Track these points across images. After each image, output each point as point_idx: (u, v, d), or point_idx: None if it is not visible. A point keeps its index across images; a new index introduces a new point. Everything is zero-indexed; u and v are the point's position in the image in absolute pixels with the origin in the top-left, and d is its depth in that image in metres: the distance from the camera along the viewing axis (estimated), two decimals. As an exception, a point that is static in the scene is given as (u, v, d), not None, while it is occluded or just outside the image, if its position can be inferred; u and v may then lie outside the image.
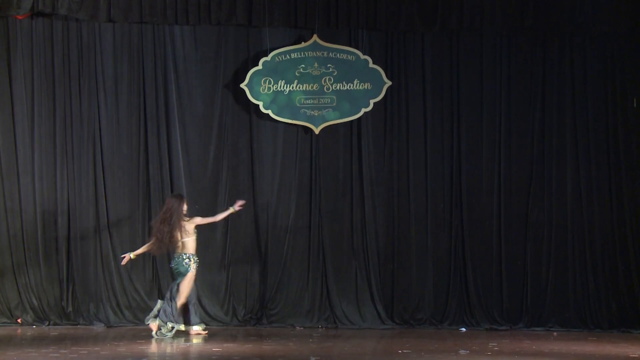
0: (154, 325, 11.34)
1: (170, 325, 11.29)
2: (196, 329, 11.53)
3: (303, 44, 12.94)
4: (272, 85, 12.88)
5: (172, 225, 11.40)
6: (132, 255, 11.59)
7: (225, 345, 10.81)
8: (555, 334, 12.46)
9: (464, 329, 12.72)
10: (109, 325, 12.57)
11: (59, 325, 12.57)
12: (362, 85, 12.92)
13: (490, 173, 13.00)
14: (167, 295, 11.46)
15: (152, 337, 11.24)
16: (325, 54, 12.93)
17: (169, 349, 10.43)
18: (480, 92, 13.05)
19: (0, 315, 12.68)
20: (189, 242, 11.53)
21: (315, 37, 12.89)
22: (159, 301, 11.55)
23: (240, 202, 11.92)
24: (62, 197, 12.74)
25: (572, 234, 12.90)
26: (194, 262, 11.54)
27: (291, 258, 12.92)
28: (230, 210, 11.90)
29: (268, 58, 12.86)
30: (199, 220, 11.70)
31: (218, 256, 12.93)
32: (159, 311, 11.38)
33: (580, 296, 12.82)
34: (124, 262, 11.66)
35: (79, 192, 12.77)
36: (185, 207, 11.57)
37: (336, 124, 12.99)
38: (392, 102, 13.05)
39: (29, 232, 12.68)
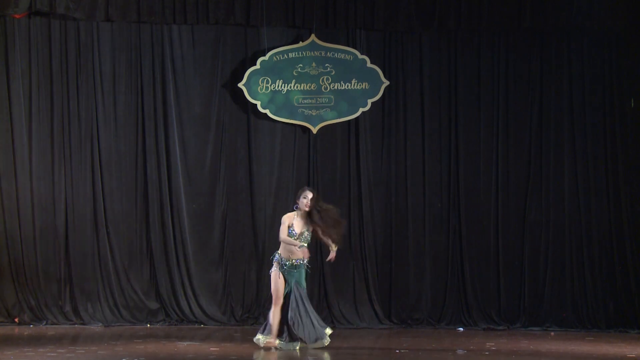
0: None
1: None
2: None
3: (301, 44, 12.94)
4: (270, 85, 12.88)
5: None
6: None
7: (222, 344, 10.81)
8: (552, 333, 12.47)
9: (461, 329, 12.72)
10: (106, 325, 12.56)
11: (56, 324, 12.55)
12: (360, 85, 12.92)
13: (487, 173, 13.01)
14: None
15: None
16: (323, 53, 12.93)
17: (166, 350, 10.42)
18: (478, 91, 13.06)
19: (-2, 314, 12.69)
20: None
21: (313, 37, 12.89)
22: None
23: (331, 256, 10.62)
24: (59, 196, 12.73)
25: (570, 234, 12.91)
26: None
27: (289, 257, 12.92)
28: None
29: (266, 57, 12.86)
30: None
31: (215, 255, 12.93)
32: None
33: (578, 296, 12.83)
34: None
35: (77, 191, 12.77)
36: (302, 200, 10.47)
37: (334, 123, 12.99)
38: (390, 102, 13.06)
39: (26, 231, 12.66)
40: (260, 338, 10.42)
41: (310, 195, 10.48)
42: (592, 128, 12.98)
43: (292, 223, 10.45)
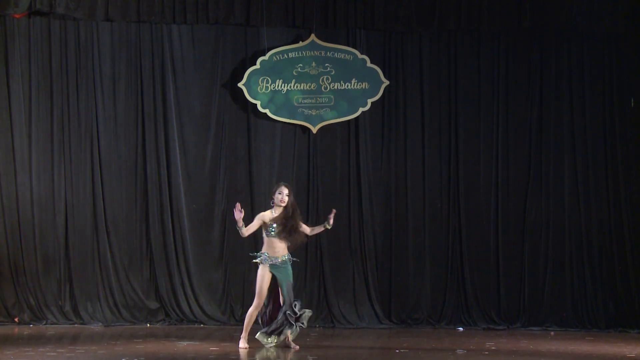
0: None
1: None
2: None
3: (301, 43, 12.94)
4: (270, 85, 12.88)
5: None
6: None
7: (222, 344, 10.81)
8: (552, 333, 12.46)
9: (461, 329, 12.72)
10: (106, 325, 12.56)
11: (56, 324, 12.56)
12: (360, 85, 12.92)
13: (487, 173, 13.01)
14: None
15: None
16: (323, 53, 12.93)
17: (166, 350, 10.42)
18: (478, 91, 13.06)
19: (-2, 314, 12.69)
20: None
21: (313, 37, 12.89)
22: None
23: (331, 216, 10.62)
24: (59, 195, 12.73)
25: (570, 234, 12.90)
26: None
27: (288, 257, 12.92)
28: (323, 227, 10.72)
29: (266, 57, 12.87)
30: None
31: (215, 255, 12.93)
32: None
33: (578, 296, 12.83)
34: None
35: (77, 191, 12.77)
36: (277, 196, 10.42)
37: (334, 123, 13.00)
38: (390, 102, 13.06)
39: (26, 230, 12.66)
40: (269, 340, 10.34)
41: (285, 190, 10.41)
42: (592, 128, 12.98)
43: (272, 219, 10.34)
